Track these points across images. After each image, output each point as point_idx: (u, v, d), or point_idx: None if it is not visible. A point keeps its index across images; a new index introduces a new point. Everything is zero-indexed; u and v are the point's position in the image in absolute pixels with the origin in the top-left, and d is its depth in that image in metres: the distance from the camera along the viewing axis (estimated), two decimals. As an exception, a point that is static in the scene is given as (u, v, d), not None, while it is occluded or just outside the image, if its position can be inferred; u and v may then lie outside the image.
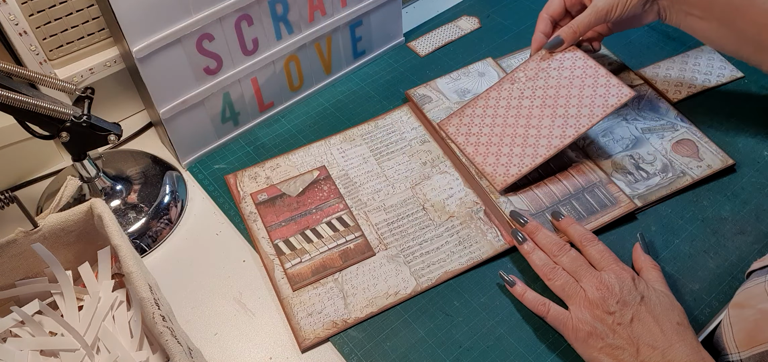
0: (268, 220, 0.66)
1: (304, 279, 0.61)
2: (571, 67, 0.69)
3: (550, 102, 0.68)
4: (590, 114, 0.65)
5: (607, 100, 0.66)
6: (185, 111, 0.69)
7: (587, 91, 0.67)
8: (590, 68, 0.68)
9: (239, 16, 0.67)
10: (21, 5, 0.63)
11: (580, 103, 0.67)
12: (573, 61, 0.70)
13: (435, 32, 0.89)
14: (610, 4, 0.67)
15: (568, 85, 0.68)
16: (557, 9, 0.72)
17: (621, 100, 0.65)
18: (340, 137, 0.74)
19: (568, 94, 0.68)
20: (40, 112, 0.55)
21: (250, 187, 0.69)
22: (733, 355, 0.51)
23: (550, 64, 0.71)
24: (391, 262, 0.62)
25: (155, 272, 0.62)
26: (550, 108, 0.68)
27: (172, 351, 0.46)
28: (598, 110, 0.65)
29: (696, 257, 0.62)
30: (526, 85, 0.70)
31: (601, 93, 0.66)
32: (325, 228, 0.65)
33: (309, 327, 0.58)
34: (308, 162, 0.72)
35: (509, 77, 0.72)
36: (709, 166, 0.68)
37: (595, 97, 0.66)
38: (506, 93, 0.70)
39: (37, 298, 0.54)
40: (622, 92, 0.65)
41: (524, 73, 0.71)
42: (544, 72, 0.71)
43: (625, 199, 0.65)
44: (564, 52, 0.71)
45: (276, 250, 0.63)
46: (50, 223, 0.54)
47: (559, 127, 0.66)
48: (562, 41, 0.70)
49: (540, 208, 0.65)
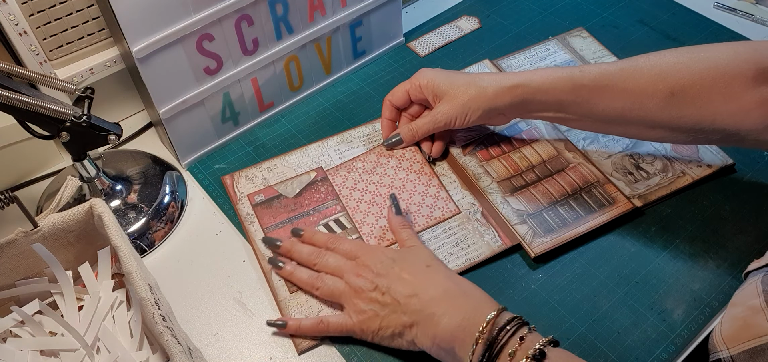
0: (265, 222, 0.66)
1: None
2: (407, 169, 0.70)
3: (379, 201, 0.67)
4: (413, 222, 0.65)
5: (433, 212, 0.66)
6: (185, 111, 0.69)
7: (416, 198, 0.67)
8: (425, 174, 0.69)
9: (239, 16, 0.67)
10: (21, 5, 0.63)
11: (407, 207, 0.66)
12: (411, 163, 0.70)
13: (435, 32, 0.89)
14: (449, 118, 0.66)
15: (400, 187, 0.68)
16: (400, 100, 0.70)
17: (445, 216, 0.65)
18: (337, 139, 0.74)
19: (399, 195, 0.68)
20: (40, 112, 0.55)
21: (247, 188, 0.69)
22: (723, 352, 0.51)
23: (388, 161, 0.71)
24: None
25: (155, 272, 0.62)
26: (377, 206, 0.67)
27: (172, 351, 0.46)
28: (422, 219, 0.65)
29: (696, 257, 0.62)
30: (362, 177, 0.69)
31: (429, 203, 0.66)
32: (323, 230, 0.65)
33: None
34: (305, 163, 0.72)
35: (346, 166, 0.71)
36: (709, 165, 0.68)
37: (423, 206, 0.66)
38: (340, 180, 0.69)
39: (37, 298, 0.54)
40: (448, 207, 0.66)
41: (363, 165, 0.71)
42: (381, 167, 0.70)
43: (622, 199, 0.65)
44: (404, 151, 0.71)
45: None
46: (50, 223, 0.54)
47: (381, 227, 0.65)
48: (402, 141, 0.71)
49: (538, 209, 0.65)
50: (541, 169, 0.69)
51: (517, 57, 0.83)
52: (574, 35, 0.86)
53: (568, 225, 0.63)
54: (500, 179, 0.68)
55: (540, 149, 0.71)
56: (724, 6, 0.90)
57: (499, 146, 0.72)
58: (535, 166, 0.69)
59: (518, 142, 0.72)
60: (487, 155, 0.71)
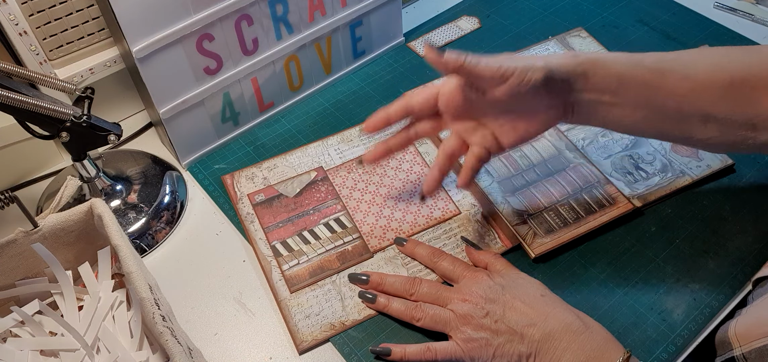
0: (266, 221, 0.66)
1: (301, 281, 0.61)
2: (408, 170, 0.70)
3: (379, 201, 0.67)
4: (413, 222, 0.65)
5: (433, 213, 0.66)
6: (185, 111, 0.69)
7: (417, 199, 0.67)
8: (425, 175, 0.67)
9: (239, 16, 0.67)
10: (21, 5, 0.63)
11: (407, 208, 0.66)
12: (411, 164, 0.70)
13: (435, 32, 0.89)
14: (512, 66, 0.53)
15: (401, 187, 0.69)
16: (422, 103, 0.59)
17: (445, 216, 0.65)
18: (337, 138, 0.74)
19: (399, 196, 0.68)
20: (40, 112, 0.55)
21: (247, 188, 0.69)
22: (737, 350, 0.51)
23: (389, 161, 0.71)
24: (389, 264, 0.62)
25: (155, 272, 0.62)
26: (377, 206, 0.67)
27: (172, 351, 0.46)
28: (422, 220, 0.66)
29: (696, 257, 0.62)
30: (362, 177, 0.69)
31: (429, 203, 0.67)
32: (323, 230, 0.65)
33: (306, 329, 0.57)
34: (306, 163, 0.72)
35: (347, 165, 0.71)
36: (709, 165, 0.68)
37: (423, 206, 0.67)
38: (340, 180, 0.69)
39: (37, 298, 0.54)
40: (449, 208, 0.66)
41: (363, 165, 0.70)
42: (381, 167, 0.71)
43: (622, 199, 0.65)
44: (404, 153, 0.71)
45: (273, 252, 0.63)
46: (50, 223, 0.54)
47: (381, 227, 0.65)
48: None
49: (538, 209, 0.65)
50: (541, 168, 0.69)
51: (516, 57, 0.83)
52: (573, 35, 0.86)
53: (569, 225, 0.63)
54: (501, 178, 0.68)
55: (540, 148, 0.71)
56: (724, 6, 0.90)
57: (500, 145, 0.72)
58: (536, 164, 0.70)
59: (518, 142, 0.72)
60: None
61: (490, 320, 0.53)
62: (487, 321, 0.53)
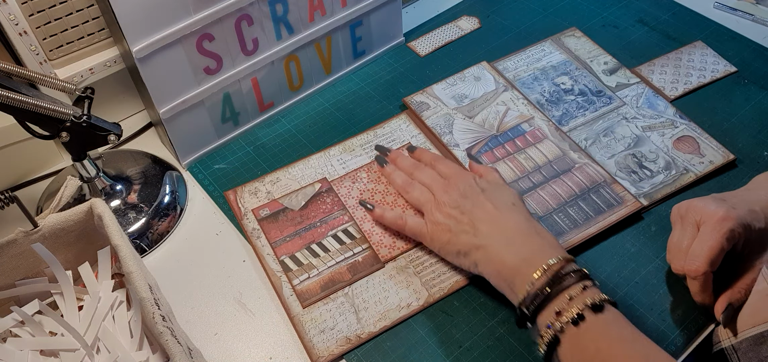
0: (272, 236, 0.65)
1: (313, 295, 0.60)
2: None
3: None
4: None
5: None
6: (185, 111, 0.69)
7: None
8: None
9: (239, 16, 0.67)
10: (21, 5, 0.63)
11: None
12: None
13: (435, 32, 0.89)
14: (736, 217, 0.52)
15: None
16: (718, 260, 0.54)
17: None
18: (339, 148, 0.73)
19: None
20: (40, 112, 0.55)
21: (251, 203, 0.68)
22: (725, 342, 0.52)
23: None
24: (400, 274, 0.61)
25: (155, 272, 0.62)
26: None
27: (172, 351, 0.46)
28: None
29: (696, 256, 0.62)
30: (367, 187, 0.68)
31: None
32: (332, 242, 0.64)
33: (322, 344, 0.56)
34: (309, 174, 0.71)
35: (351, 175, 0.69)
36: (711, 161, 0.68)
37: None
38: (345, 190, 0.68)
39: (37, 298, 0.54)
40: None
41: (367, 174, 0.69)
42: None
43: (630, 198, 0.65)
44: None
45: (282, 267, 0.62)
46: (50, 223, 0.54)
47: (391, 236, 0.64)
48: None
49: (547, 211, 0.65)
50: (547, 170, 0.69)
51: (513, 59, 0.83)
52: (567, 35, 0.86)
53: (579, 226, 0.63)
54: (507, 182, 0.68)
55: (545, 149, 0.71)
56: (724, 6, 0.90)
57: (504, 147, 0.71)
58: (542, 166, 0.69)
59: (522, 143, 0.72)
60: (492, 157, 0.70)
61: (457, 212, 0.58)
62: (455, 212, 0.58)
